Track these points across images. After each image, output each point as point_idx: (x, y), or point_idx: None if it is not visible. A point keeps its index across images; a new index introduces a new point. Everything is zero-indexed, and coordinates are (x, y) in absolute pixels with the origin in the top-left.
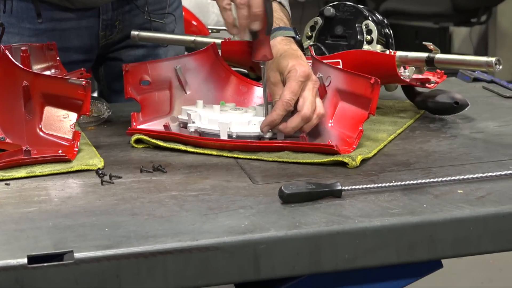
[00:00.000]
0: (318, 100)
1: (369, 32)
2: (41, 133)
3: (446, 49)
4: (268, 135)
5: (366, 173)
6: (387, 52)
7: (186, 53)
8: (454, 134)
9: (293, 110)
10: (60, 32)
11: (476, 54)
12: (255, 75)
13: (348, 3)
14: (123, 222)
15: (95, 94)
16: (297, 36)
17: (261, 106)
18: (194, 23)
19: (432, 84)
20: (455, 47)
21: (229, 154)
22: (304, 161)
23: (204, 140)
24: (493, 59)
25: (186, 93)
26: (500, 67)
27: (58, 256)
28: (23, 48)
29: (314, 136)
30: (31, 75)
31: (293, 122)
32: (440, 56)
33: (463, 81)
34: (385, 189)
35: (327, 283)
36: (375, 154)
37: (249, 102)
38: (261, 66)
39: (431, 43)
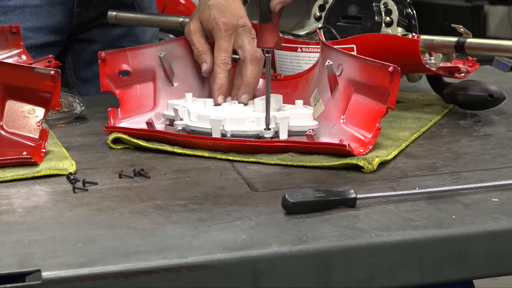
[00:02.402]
0: (252, 42)
1: (389, 12)
2: (2, 132)
3: (480, 32)
4: (269, 134)
5: (385, 179)
6: (410, 36)
7: (172, 37)
8: (488, 132)
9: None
10: (32, 9)
11: None
12: None
13: None
14: (99, 236)
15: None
16: None
17: (261, 100)
18: (182, 1)
19: (463, 74)
20: (490, 30)
21: (223, 156)
22: (311, 164)
23: (194, 140)
24: None
25: (172, 85)
26: None
27: (23, 276)
28: None
29: (323, 135)
30: None
31: (247, 70)
32: (472, 40)
33: (500, 70)
34: (407, 198)
35: None
36: (395, 156)
37: None
38: (266, 55)
39: (461, 26)
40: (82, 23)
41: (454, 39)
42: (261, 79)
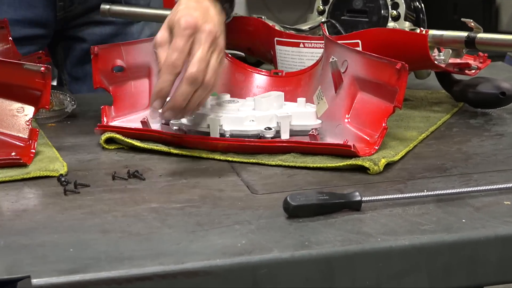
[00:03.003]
0: (215, 57)
1: (395, 6)
2: None
3: (492, 27)
4: (270, 133)
5: (392, 181)
6: (418, 30)
7: None
8: (500, 132)
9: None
10: (9, 0)
11: None
12: (254, 59)
13: None
14: (92, 241)
15: (55, 83)
16: None
17: (263, 98)
18: None
19: (473, 71)
20: (503, 24)
21: (222, 157)
22: (314, 165)
23: (191, 140)
24: None
25: None
26: None
27: (12, 283)
28: None
29: (327, 134)
30: None
31: (179, 87)
32: (483, 35)
33: None
34: (415, 201)
35: None
36: (402, 157)
37: (246, 92)
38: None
39: (471, 20)
40: (68, 18)
41: (464, 34)
42: (264, 76)
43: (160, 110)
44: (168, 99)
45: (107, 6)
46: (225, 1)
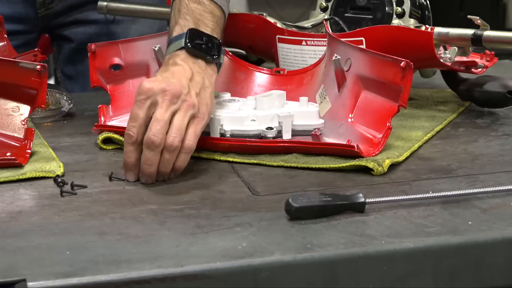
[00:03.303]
0: (178, 118)
1: (400, 2)
2: None
3: (499, 24)
4: (271, 133)
5: (396, 182)
6: (423, 28)
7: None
8: (507, 132)
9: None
10: None
11: None
12: (255, 57)
13: None
14: (89, 244)
15: (52, 81)
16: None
17: (264, 98)
18: None
19: (480, 69)
20: (510, 22)
21: (222, 158)
22: (317, 166)
23: None
24: None
25: None
26: None
27: (7, 286)
28: None
29: (330, 134)
30: None
31: (143, 155)
32: (490, 33)
33: None
34: (420, 202)
35: None
36: (407, 158)
37: (247, 91)
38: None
39: (478, 17)
40: (51, 16)
41: (470, 31)
42: (265, 74)
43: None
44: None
45: (105, 3)
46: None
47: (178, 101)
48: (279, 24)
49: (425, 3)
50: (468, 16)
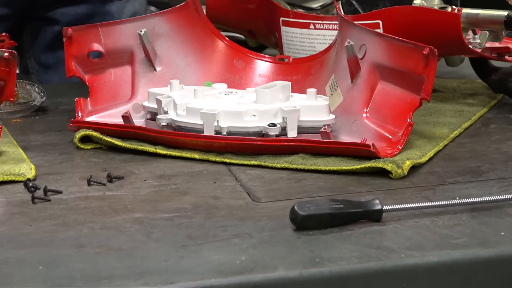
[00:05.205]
0: None
1: None
2: None
3: None
4: (275, 131)
5: (418, 186)
6: (449, 9)
7: (154, 10)
8: None
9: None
10: None
11: None
12: (256, 42)
13: None
14: (65, 257)
15: (18, 71)
16: None
17: (266, 89)
18: None
19: None
20: None
21: (218, 159)
22: (327, 168)
23: (182, 138)
24: None
25: (155, 69)
26: None
27: None
28: None
29: (342, 132)
30: None
31: None
32: None
33: None
34: (445, 210)
35: None
36: (430, 159)
37: (247, 82)
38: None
39: None
40: None
41: (504, 13)
42: (267, 63)
43: (144, 103)
44: None
45: None
46: None
47: None
48: (283, 5)
49: None
50: None
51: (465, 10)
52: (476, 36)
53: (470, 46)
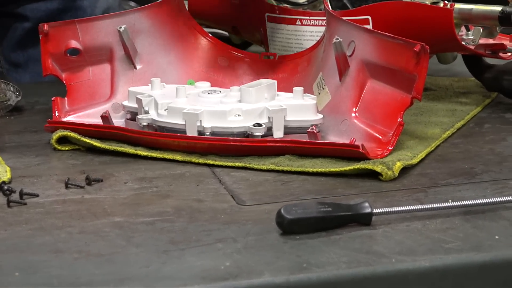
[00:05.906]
0: None
1: None
2: None
3: None
4: (260, 131)
5: (409, 189)
6: (441, 4)
7: (134, 5)
8: None
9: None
10: None
11: None
12: (240, 39)
13: None
14: (42, 263)
15: None
16: None
17: (251, 87)
18: None
19: (509, 54)
20: None
21: (201, 160)
22: (314, 170)
23: (163, 139)
24: None
25: (135, 67)
26: None
27: None
28: None
29: (330, 132)
30: None
31: None
32: None
33: None
34: (438, 213)
35: None
36: (422, 160)
37: (231, 81)
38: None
39: None
40: None
41: (498, 8)
42: (251, 60)
43: (124, 102)
44: None
45: None
46: None
47: None
48: (268, 0)
49: None
50: None
51: (458, 5)
52: (469, 32)
53: (463, 43)
